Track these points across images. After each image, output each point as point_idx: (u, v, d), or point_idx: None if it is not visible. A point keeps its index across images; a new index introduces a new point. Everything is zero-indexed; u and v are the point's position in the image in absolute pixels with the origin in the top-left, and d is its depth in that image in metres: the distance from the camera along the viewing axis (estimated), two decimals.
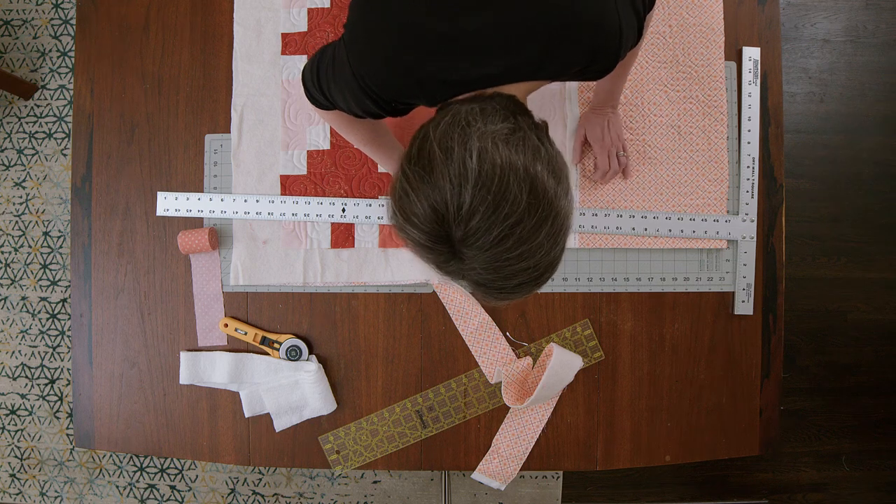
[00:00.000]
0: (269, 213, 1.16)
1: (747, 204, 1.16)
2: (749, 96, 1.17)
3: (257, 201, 1.16)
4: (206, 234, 1.13)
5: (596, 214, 1.15)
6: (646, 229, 1.15)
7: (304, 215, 1.15)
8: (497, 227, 0.58)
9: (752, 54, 1.17)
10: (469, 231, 0.59)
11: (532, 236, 0.60)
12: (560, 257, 0.65)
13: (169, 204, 1.17)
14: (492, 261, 0.60)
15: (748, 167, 1.16)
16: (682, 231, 1.15)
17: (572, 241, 1.15)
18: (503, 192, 0.58)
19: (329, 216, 1.15)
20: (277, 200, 1.16)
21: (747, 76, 1.17)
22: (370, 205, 1.15)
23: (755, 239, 1.16)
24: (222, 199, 1.16)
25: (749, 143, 1.17)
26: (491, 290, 0.65)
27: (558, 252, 0.64)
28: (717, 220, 1.15)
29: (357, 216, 1.15)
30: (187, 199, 1.16)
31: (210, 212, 1.16)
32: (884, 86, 1.97)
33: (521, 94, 0.74)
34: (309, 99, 0.89)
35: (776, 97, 1.19)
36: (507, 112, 0.65)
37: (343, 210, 1.15)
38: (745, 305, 1.16)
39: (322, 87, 0.82)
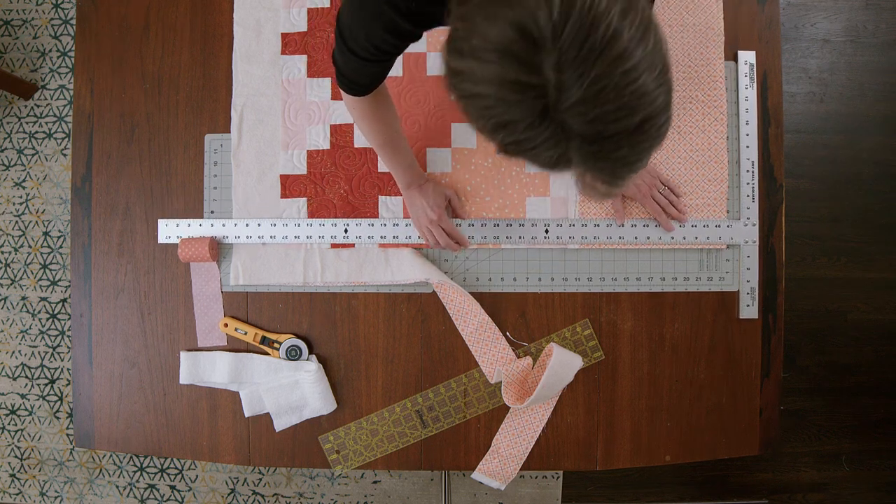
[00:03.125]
0: (271, 237, 1.16)
1: (748, 208, 1.16)
2: (746, 100, 1.17)
3: (259, 225, 1.16)
4: (206, 244, 1.13)
5: (598, 225, 1.15)
6: (648, 237, 1.15)
7: (307, 237, 1.15)
8: (601, 24, 0.46)
9: (747, 58, 1.17)
10: (566, 42, 0.46)
11: (642, 39, 0.48)
12: (671, 95, 0.51)
13: (171, 231, 1.17)
14: (602, 77, 0.47)
15: (748, 171, 1.16)
16: (684, 238, 1.15)
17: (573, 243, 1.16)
18: None
19: (332, 237, 1.15)
20: (279, 223, 1.16)
21: (743, 80, 1.17)
22: (372, 224, 1.15)
23: (757, 242, 1.16)
24: (223, 225, 1.16)
25: (748, 146, 1.17)
26: (608, 147, 0.50)
27: (669, 84, 0.50)
28: (720, 226, 1.15)
29: (360, 236, 1.15)
30: (188, 225, 1.16)
31: (212, 236, 1.17)
32: (884, 86, 1.97)
33: None
34: (341, 83, 0.87)
35: (776, 97, 1.19)
36: None
37: (345, 231, 1.15)
38: (750, 309, 1.16)
39: (350, 45, 0.77)
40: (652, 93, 0.49)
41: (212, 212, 1.18)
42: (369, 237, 1.15)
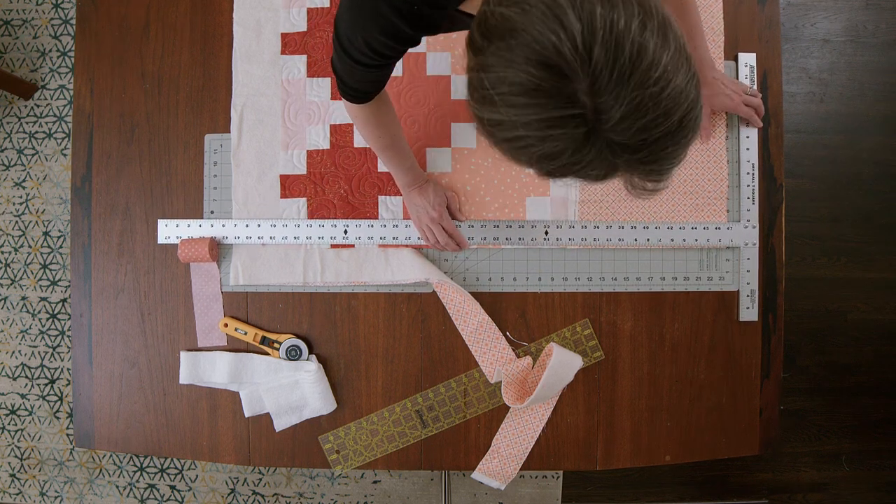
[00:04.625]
0: (271, 238, 1.16)
1: (748, 210, 1.16)
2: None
3: (258, 226, 1.16)
4: (206, 244, 1.13)
5: (598, 227, 1.15)
6: (648, 240, 1.15)
7: (307, 238, 1.15)
8: (626, 43, 0.46)
9: (748, 60, 1.17)
10: (597, 67, 0.47)
11: (664, 43, 0.48)
12: (699, 85, 0.52)
13: (170, 231, 1.17)
14: (639, 92, 0.47)
15: (748, 174, 1.16)
16: (684, 240, 1.15)
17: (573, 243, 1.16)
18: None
19: (331, 238, 1.15)
20: (279, 224, 1.16)
21: (744, 82, 1.17)
22: (372, 225, 1.15)
23: (757, 245, 1.16)
24: (223, 225, 1.16)
25: (748, 149, 1.17)
26: (654, 150, 0.51)
27: (696, 75, 0.51)
28: (720, 228, 1.15)
29: (359, 237, 1.15)
30: (188, 225, 1.17)
31: (212, 237, 1.17)
32: (884, 86, 1.97)
33: None
34: (342, 91, 0.86)
35: (776, 97, 1.19)
36: None
37: (345, 232, 1.15)
38: (750, 312, 1.16)
39: (349, 51, 0.75)
40: (685, 90, 0.50)
41: (212, 212, 1.18)
42: (369, 238, 1.15)
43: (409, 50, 0.79)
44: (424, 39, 1.16)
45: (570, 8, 0.46)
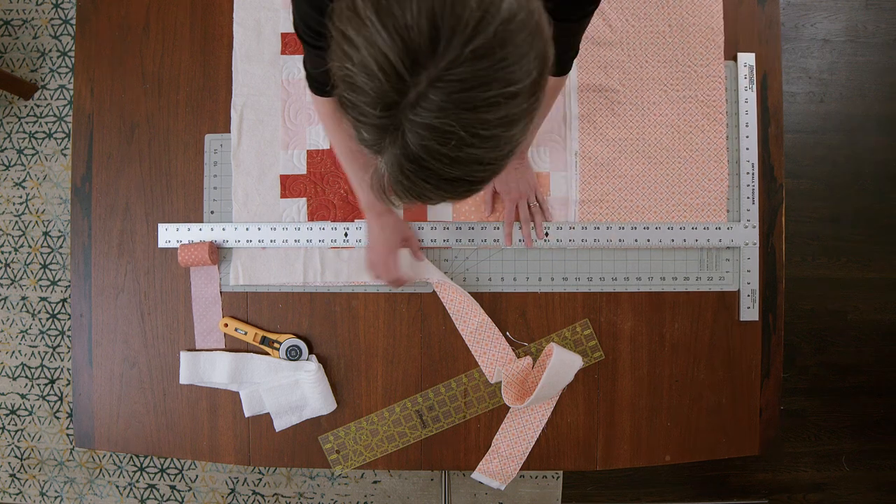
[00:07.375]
0: (271, 241, 1.16)
1: (748, 210, 1.16)
2: (745, 102, 1.17)
3: (259, 229, 1.16)
4: (206, 249, 1.13)
5: (598, 228, 1.15)
6: (648, 240, 1.15)
7: (307, 241, 1.15)
8: (485, 90, 0.45)
9: (747, 60, 1.17)
10: (453, 75, 0.45)
11: (500, 127, 0.47)
12: (495, 175, 0.51)
13: (170, 235, 1.17)
14: (450, 128, 0.46)
15: (748, 173, 1.16)
16: (684, 240, 1.15)
17: (573, 243, 1.16)
18: None
19: (332, 241, 1.15)
20: (279, 227, 1.16)
21: (743, 82, 1.17)
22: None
23: (757, 245, 1.16)
24: (223, 229, 1.16)
25: (748, 149, 1.17)
26: (419, 174, 0.50)
27: (500, 168, 0.50)
28: (720, 228, 1.15)
29: (360, 240, 1.15)
30: (188, 229, 1.17)
31: (212, 241, 1.17)
32: (884, 86, 1.97)
33: None
34: (307, 81, 0.86)
35: (776, 97, 1.19)
36: None
37: (345, 235, 1.15)
38: (750, 311, 1.16)
39: (296, 29, 0.78)
40: (483, 165, 0.48)
41: (212, 212, 1.18)
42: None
43: None
44: None
45: None
